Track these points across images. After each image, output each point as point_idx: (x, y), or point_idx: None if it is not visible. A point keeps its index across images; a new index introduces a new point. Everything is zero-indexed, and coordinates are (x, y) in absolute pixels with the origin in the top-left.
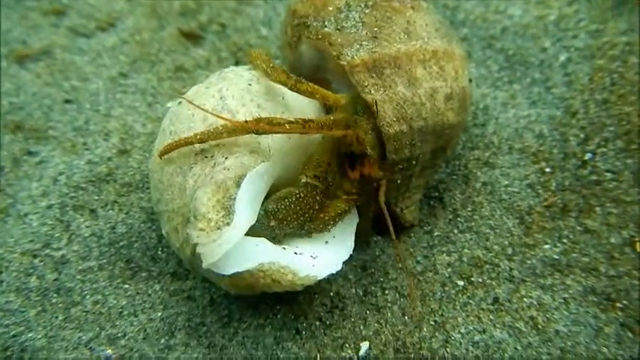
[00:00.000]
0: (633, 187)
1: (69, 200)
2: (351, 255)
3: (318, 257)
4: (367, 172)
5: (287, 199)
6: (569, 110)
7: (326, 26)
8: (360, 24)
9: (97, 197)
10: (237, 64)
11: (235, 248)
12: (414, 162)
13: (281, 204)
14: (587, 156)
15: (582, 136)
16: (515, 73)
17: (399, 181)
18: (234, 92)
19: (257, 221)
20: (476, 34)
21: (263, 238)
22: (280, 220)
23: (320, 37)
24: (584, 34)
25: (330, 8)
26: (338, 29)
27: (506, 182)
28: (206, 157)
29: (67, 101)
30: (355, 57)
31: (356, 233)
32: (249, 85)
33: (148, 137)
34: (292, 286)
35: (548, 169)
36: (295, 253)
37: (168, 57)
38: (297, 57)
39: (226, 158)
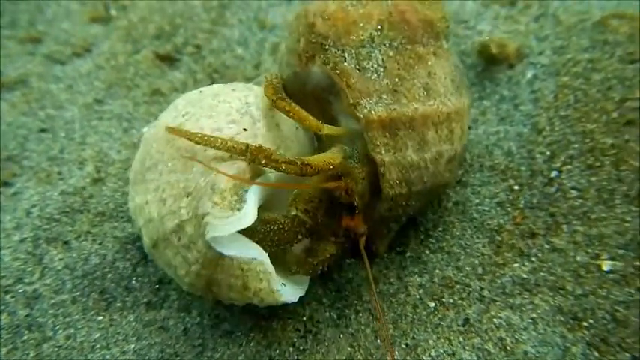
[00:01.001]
0: (598, 205)
1: (42, 232)
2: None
3: (286, 285)
4: (352, 225)
5: (270, 224)
6: (536, 127)
7: (346, 59)
8: (382, 69)
9: (70, 228)
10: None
11: (237, 235)
12: (403, 218)
13: (262, 227)
14: (554, 174)
15: (548, 153)
16: (485, 89)
17: (383, 230)
18: (258, 103)
19: None
20: None
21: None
22: (258, 242)
23: (338, 72)
24: (549, 50)
25: (353, 38)
26: (358, 69)
27: (477, 201)
28: None
29: (43, 130)
30: (373, 112)
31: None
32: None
33: (123, 164)
34: (255, 296)
35: (516, 187)
36: None
37: (144, 81)
38: (304, 71)
39: None
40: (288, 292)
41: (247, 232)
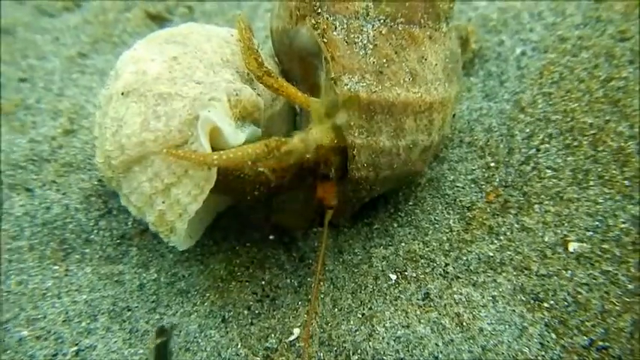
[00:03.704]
0: (571, 185)
1: (5, 178)
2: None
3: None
4: (321, 195)
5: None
6: (519, 104)
7: (336, 28)
8: (371, 46)
9: (35, 176)
10: None
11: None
12: (365, 199)
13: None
14: (531, 152)
15: (528, 131)
16: (473, 65)
17: (344, 206)
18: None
19: None
20: None
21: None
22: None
23: (326, 40)
24: (540, 27)
25: (348, 6)
26: (347, 41)
27: (452, 177)
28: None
29: (22, 80)
30: (352, 90)
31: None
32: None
33: None
34: (157, 217)
35: (493, 164)
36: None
37: (132, 39)
38: (293, 29)
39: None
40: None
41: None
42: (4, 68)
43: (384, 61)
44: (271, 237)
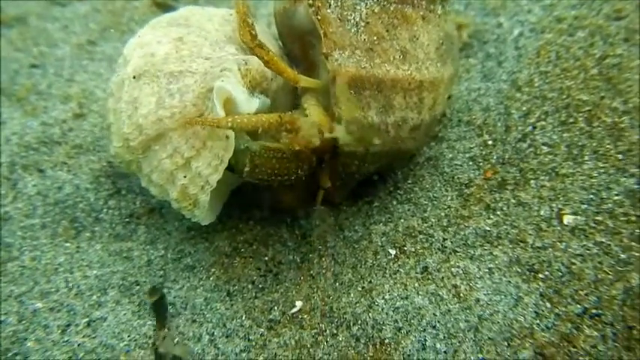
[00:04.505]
0: (567, 161)
1: (19, 159)
2: None
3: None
4: (318, 177)
5: (273, 151)
6: (516, 83)
7: (330, 5)
8: (363, 24)
9: (47, 158)
10: None
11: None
12: (356, 175)
13: (265, 152)
14: (528, 129)
15: (524, 109)
16: (472, 47)
17: (337, 182)
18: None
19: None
20: None
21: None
22: (255, 166)
23: (320, 17)
24: (538, 8)
25: None
26: (340, 19)
27: (450, 155)
28: None
29: (34, 66)
30: (342, 66)
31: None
32: None
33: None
34: (180, 192)
35: (490, 142)
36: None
37: (139, 26)
38: (292, 9)
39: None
40: (206, 213)
41: (250, 156)
42: (17, 55)
43: (375, 38)
44: (273, 215)
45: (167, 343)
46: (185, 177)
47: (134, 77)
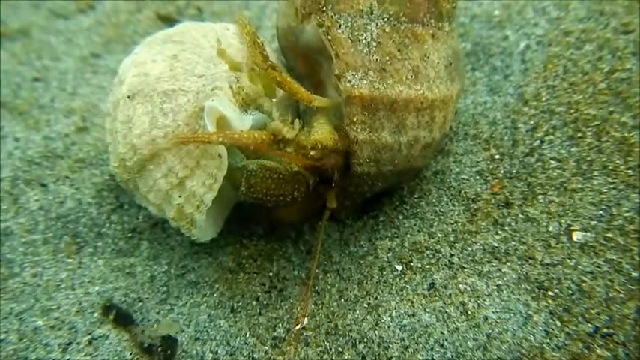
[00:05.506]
0: (576, 176)
1: (21, 174)
2: None
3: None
4: (326, 197)
5: (270, 171)
6: (523, 97)
7: (340, 26)
8: (375, 44)
9: (49, 172)
10: None
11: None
12: (367, 194)
13: (262, 172)
14: (536, 143)
15: (532, 123)
16: (478, 60)
17: (346, 202)
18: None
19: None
20: None
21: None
22: (250, 185)
23: (330, 38)
24: (544, 21)
25: (352, 5)
26: (351, 39)
27: (457, 170)
28: None
29: (37, 79)
30: (355, 87)
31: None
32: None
33: None
34: (176, 212)
35: (497, 156)
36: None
37: (143, 39)
38: (299, 27)
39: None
40: (203, 231)
41: (245, 175)
42: (19, 69)
43: (387, 58)
44: (277, 230)
45: (146, 333)
46: (180, 197)
47: (128, 97)
